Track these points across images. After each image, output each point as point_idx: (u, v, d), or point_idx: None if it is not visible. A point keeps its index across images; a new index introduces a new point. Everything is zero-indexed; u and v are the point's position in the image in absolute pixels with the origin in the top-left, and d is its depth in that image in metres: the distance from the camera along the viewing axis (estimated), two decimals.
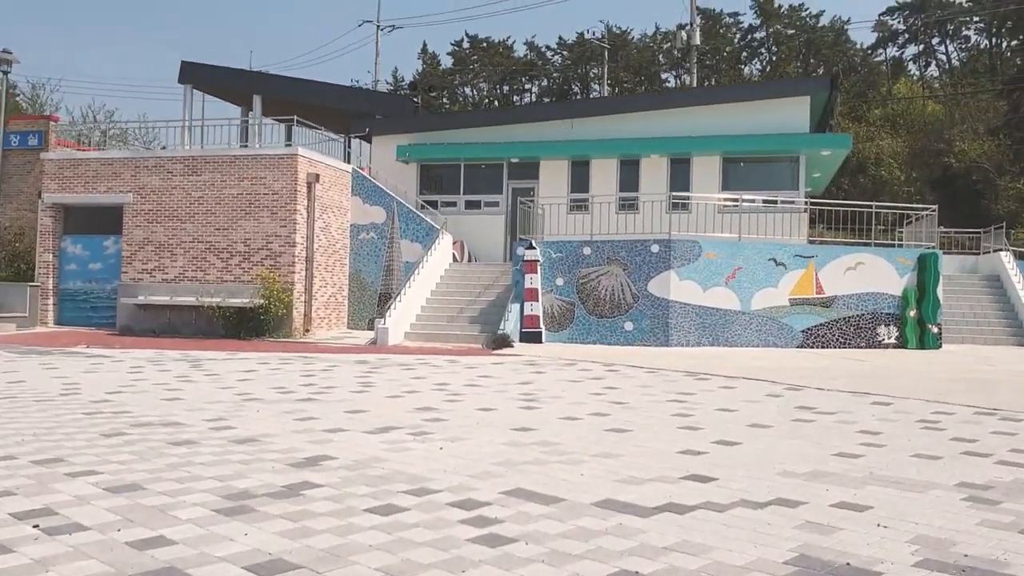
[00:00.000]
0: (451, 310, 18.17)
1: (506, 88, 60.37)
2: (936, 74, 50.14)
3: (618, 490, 5.36)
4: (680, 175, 21.17)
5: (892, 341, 17.12)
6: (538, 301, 17.12)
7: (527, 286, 17.14)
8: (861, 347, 16.96)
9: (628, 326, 16.79)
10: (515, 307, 17.01)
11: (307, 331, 18.13)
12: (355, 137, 22.87)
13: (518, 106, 44.11)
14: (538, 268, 17.22)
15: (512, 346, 15.89)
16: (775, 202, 19.61)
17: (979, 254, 24.10)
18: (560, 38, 57.85)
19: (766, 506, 5.04)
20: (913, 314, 17.11)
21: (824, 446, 6.99)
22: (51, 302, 19.21)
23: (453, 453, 6.45)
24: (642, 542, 4.30)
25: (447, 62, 60.54)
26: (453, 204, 22.42)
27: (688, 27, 33.43)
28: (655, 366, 12.96)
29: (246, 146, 20.11)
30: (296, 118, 18.94)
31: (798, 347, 16.82)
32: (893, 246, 18.59)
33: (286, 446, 6.61)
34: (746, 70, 53.82)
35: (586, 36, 51.50)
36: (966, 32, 48.50)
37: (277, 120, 20.26)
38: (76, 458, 6.05)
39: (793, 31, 52.03)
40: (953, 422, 8.32)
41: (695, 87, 31.28)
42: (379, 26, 44.07)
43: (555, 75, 59.66)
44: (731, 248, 16.93)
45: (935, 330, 17.13)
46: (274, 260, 17.82)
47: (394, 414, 8.22)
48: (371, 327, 18.20)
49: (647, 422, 8.04)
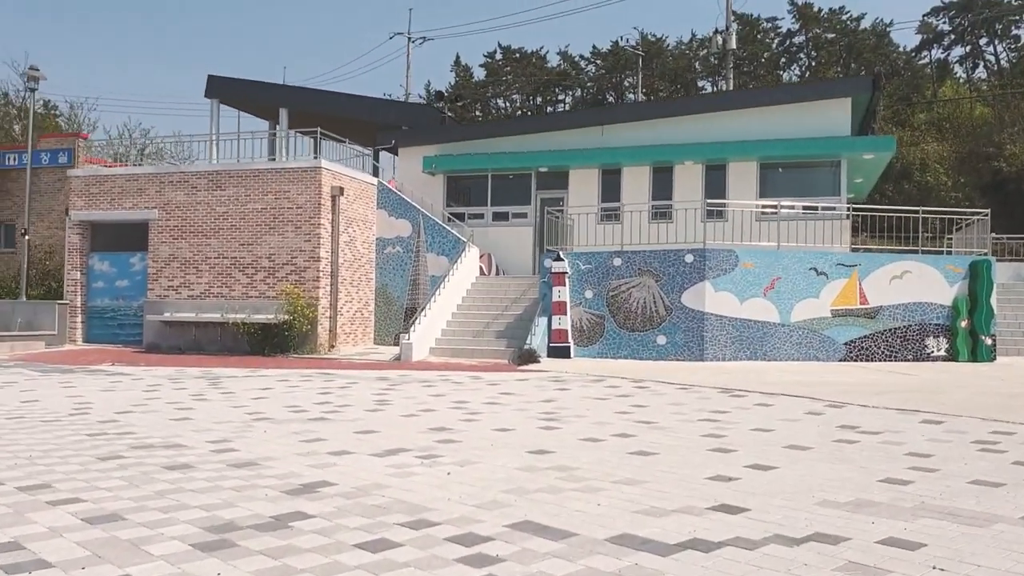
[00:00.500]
0: (477, 325, 17.73)
1: (539, 99, 60.05)
2: (984, 76, 48.49)
3: (637, 523, 4.83)
4: (715, 182, 20.51)
5: (942, 353, 16.22)
6: (566, 315, 16.58)
7: (555, 299, 16.63)
8: (908, 360, 16.10)
9: (661, 340, 16.16)
10: (542, 321, 16.50)
11: (332, 347, 17.84)
12: (381, 149, 22.65)
13: (546, 114, 43.63)
14: (566, 280, 16.71)
15: (539, 361, 15.37)
16: (815, 209, 18.83)
17: None
18: (594, 47, 57.35)
19: (803, 543, 4.47)
20: (964, 325, 16.20)
21: (869, 471, 6.37)
22: (79, 320, 19.24)
23: (461, 479, 5.97)
24: None
25: (480, 74, 60.49)
26: (480, 216, 22.03)
27: (724, 32, 32.74)
28: (688, 382, 12.34)
29: (273, 159, 19.97)
30: (320, 130, 18.72)
31: (840, 360, 16.02)
32: (942, 253, 17.69)
33: (285, 471, 6.21)
34: (785, 76, 52.75)
35: (620, 44, 50.92)
36: (1016, 31, 46.90)
37: (301, 133, 20.10)
38: (64, 484, 5.74)
39: (833, 35, 50.80)
40: (1014, 443, 7.60)
41: (730, 90, 30.51)
42: (410, 38, 44.09)
43: (589, 84, 59.20)
44: (769, 257, 16.23)
45: (988, 342, 16.20)
46: (299, 275, 17.58)
47: (405, 435, 7.78)
48: (397, 342, 17.84)
49: (675, 444, 7.48)
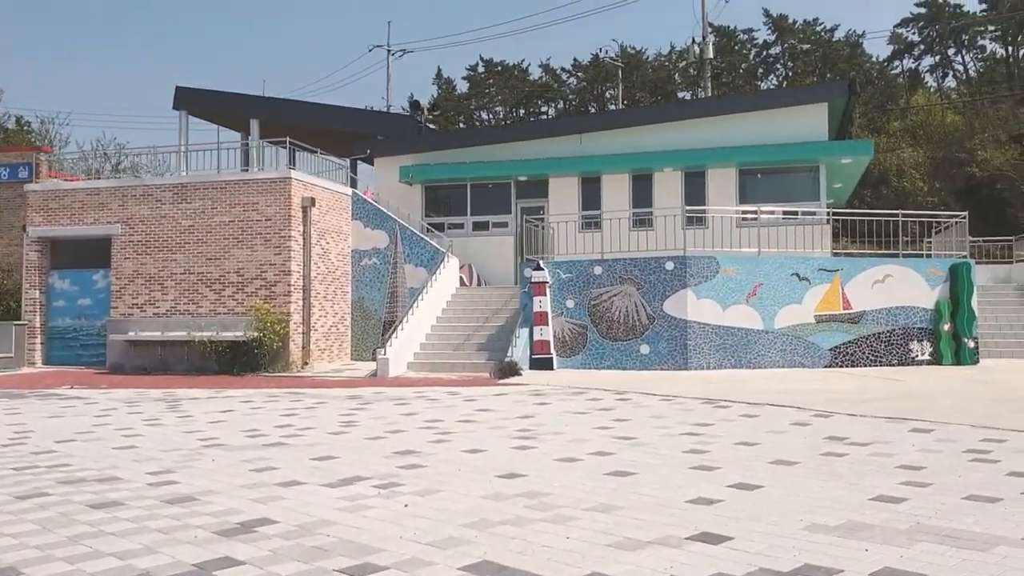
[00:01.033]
0: (458, 337, 17.24)
1: (522, 111, 59.81)
2: (953, 85, 49.02)
3: (609, 559, 4.37)
4: (695, 189, 20.18)
5: (926, 357, 15.91)
6: (548, 325, 16.13)
7: (536, 309, 16.18)
8: (893, 364, 15.77)
9: (644, 349, 15.73)
10: (523, 332, 16.04)
11: (306, 364, 17.27)
12: (357, 159, 22.13)
13: (525, 122, 43.12)
14: (547, 290, 16.27)
15: (520, 374, 14.90)
16: (796, 214, 18.54)
17: (1012, 263, 22.81)
18: (575, 59, 57.27)
19: None
20: (947, 328, 15.91)
21: (859, 487, 5.94)
22: (38, 341, 18.53)
23: (419, 511, 5.48)
24: None
25: (463, 87, 60.22)
26: (460, 226, 21.57)
27: (701, 42, 32.55)
28: (671, 393, 11.90)
29: (247, 171, 19.44)
30: (289, 139, 18.19)
31: (826, 367, 15.67)
32: (922, 256, 17.43)
33: (224, 507, 5.68)
34: (762, 86, 52.87)
35: (600, 56, 50.82)
36: (981, 42, 47.51)
37: (271, 143, 19.53)
38: None
39: (808, 46, 51.12)
40: (1007, 452, 7.22)
41: (709, 97, 30.30)
42: (389, 50, 43.69)
43: (571, 97, 59.09)
44: (751, 263, 15.88)
45: (971, 344, 15.92)
46: (269, 290, 17.02)
47: (367, 461, 7.27)
48: (375, 358, 17.31)
49: (656, 462, 7.03)
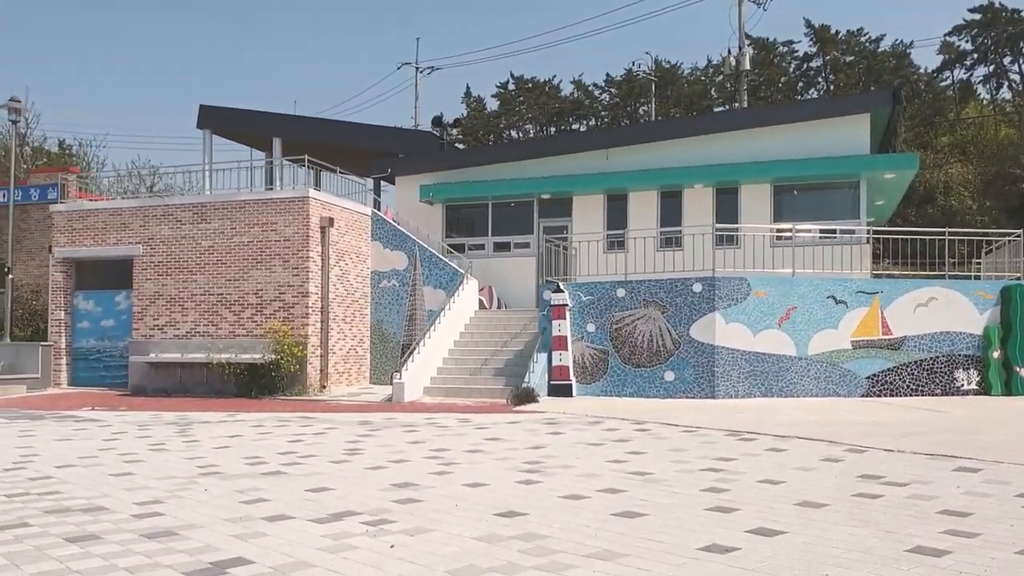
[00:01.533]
0: (475, 362, 16.78)
1: (553, 129, 59.55)
2: (1008, 96, 47.19)
3: None
4: (727, 206, 19.52)
5: (973, 387, 15.02)
6: (567, 350, 15.60)
7: (555, 333, 15.66)
8: (936, 395, 14.91)
9: (668, 376, 15.11)
10: (542, 357, 15.52)
11: (324, 387, 16.94)
12: (378, 178, 21.90)
13: (548, 137, 42.53)
14: (567, 313, 15.75)
15: (537, 401, 14.37)
16: (833, 232, 17.77)
17: None
18: (608, 75, 56.80)
19: None
20: (997, 355, 15.01)
21: (895, 536, 5.33)
22: (64, 362, 18.50)
23: (404, 553, 5.02)
24: None
25: (492, 105, 60.16)
26: (481, 247, 21.18)
27: (738, 54, 31.96)
28: (694, 424, 11.29)
29: (272, 189, 19.32)
30: (307, 157, 18.00)
31: (863, 396, 14.87)
32: (970, 278, 16.54)
33: (202, 543, 5.29)
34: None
35: (634, 71, 50.31)
36: None
37: (291, 161, 19.37)
38: None
39: (852, 57, 49.77)
40: None
41: (742, 108, 29.60)
42: (418, 68, 43.76)
43: (603, 113, 58.67)
44: (784, 285, 15.19)
45: (1023, 373, 14.99)
46: (287, 312, 16.76)
47: (362, 493, 6.83)
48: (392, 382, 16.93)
49: (669, 501, 6.47)
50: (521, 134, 60.21)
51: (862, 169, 18.56)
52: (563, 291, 15.81)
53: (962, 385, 15.03)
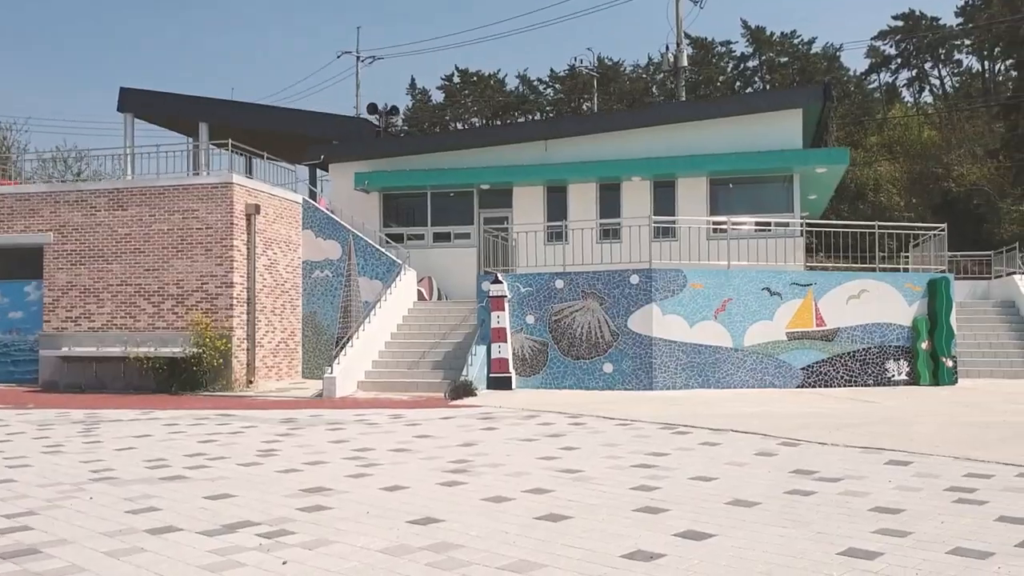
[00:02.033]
0: (413, 355, 16.27)
1: (498, 123, 59.14)
2: (930, 100, 49.01)
3: None
4: (665, 199, 19.42)
5: (903, 377, 15.16)
6: (507, 342, 15.22)
7: (494, 325, 15.26)
8: (869, 385, 15.00)
9: (607, 368, 14.85)
10: (480, 350, 15.11)
11: (251, 382, 16.21)
12: (309, 165, 21.11)
13: (487, 127, 41.99)
14: (506, 305, 15.36)
15: (475, 395, 13.96)
16: (768, 226, 17.77)
17: (990, 278, 22.22)
18: (552, 70, 56.91)
19: None
20: (925, 346, 15.18)
21: (827, 537, 5.08)
22: None
23: (295, 571, 4.54)
24: None
25: (438, 97, 59.49)
26: (420, 237, 20.64)
27: (675, 49, 31.93)
28: (630, 417, 11.02)
29: (197, 174, 18.42)
30: (231, 142, 17.16)
31: (798, 387, 14.87)
32: (899, 271, 16.71)
33: (66, 563, 4.73)
34: None
35: (576, 66, 50.31)
36: (958, 56, 47.61)
37: (216, 145, 18.48)
38: None
39: (786, 59, 50.97)
40: (994, 490, 6.38)
41: (679, 102, 29.63)
42: (359, 57, 42.74)
43: (548, 108, 58.55)
44: (719, 277, 15.07)
45: (950, 364, 15.18)
46: (210, 303, 15.98)
47: (265, 500, 6.31)
48: None
49: (597, 501, 6.13)
50: (466, 127, 59.60)
51: (795, 163, 18.63)
52: (502, 282, 15.41)
53: (893, 376, 15.15)
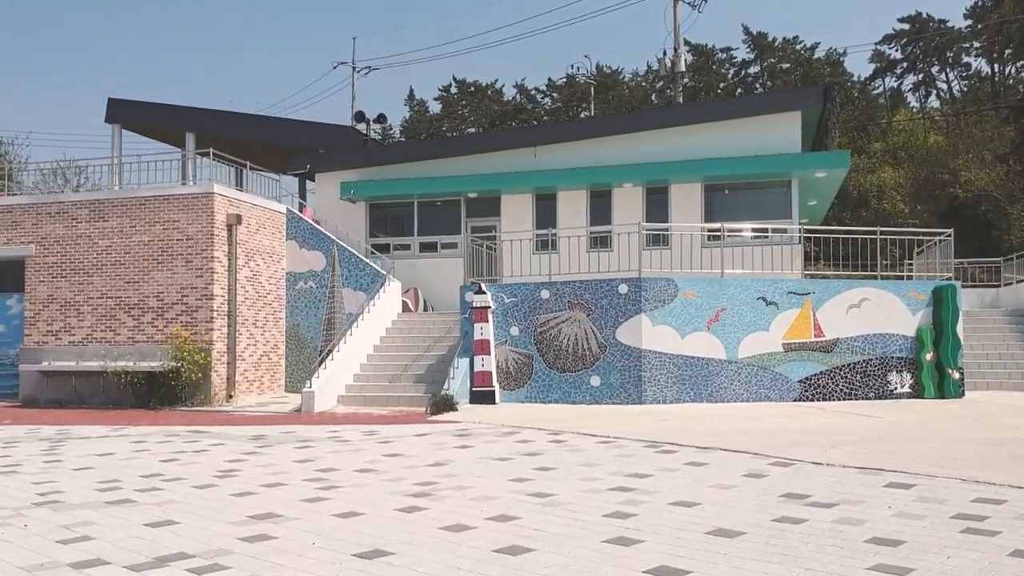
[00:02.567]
0: (395, 368, 15.81)
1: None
2: (936, 104, 48.33)
3: None
4: (657, 206, 18.97)
5: (906, 390, 14.63)
6: (490, 355, 14.74)
7: (477, 337, 14.79)
8: (869, 398, 14.48)
9: (595, 381, 14.36)
10: (463, 362, 14.63)
11: (230, 397, 15.75)
12: (295, 174, 20.71)
13: (475, 134, 41.48)
14: (489, 316, 14.90)
15: (456, 409, 13.47)
16: (765, 232, 17.28)
17: (999, 286, 21.69)
18: (550, 79, 56.57)
19: None
20: (930, 357, 14.65)
21: (816, 574, 4.59)
22: None
23: None
24: None
25: (435, 108, 59.21)
26: (407, 247, 20.20)
27: (673, 54, 31.55)
28: (613, 433, 10.52)
29: (185, 183, 17.94)
30: (212, 151, 16.75)
31: (795, 400, 14.35)
32: (903, 279, 16.21)
33: None
34: None
35: (574, 75, 49.96)
36: (966, 59, 46.90)
37: (200, 154, 18.07)
38: None
39: (788, 64, 50.52)
40: (1006, 519, 5.86)
41: (672, 105, 29.20)
42: (355, 67, 42.48)
43: (545, 118, 58.28)
44: (713, 286, 14.59)
45: (956, 375, 14.65)
46: (190, 316, 15.54)
47: (209, 529, 5.84)
48: None
49: (564, 531, 5.65)
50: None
51: (794, 167, 18.16)
52: (485, 293, 14.95)
53: (895, 388, 14.63)
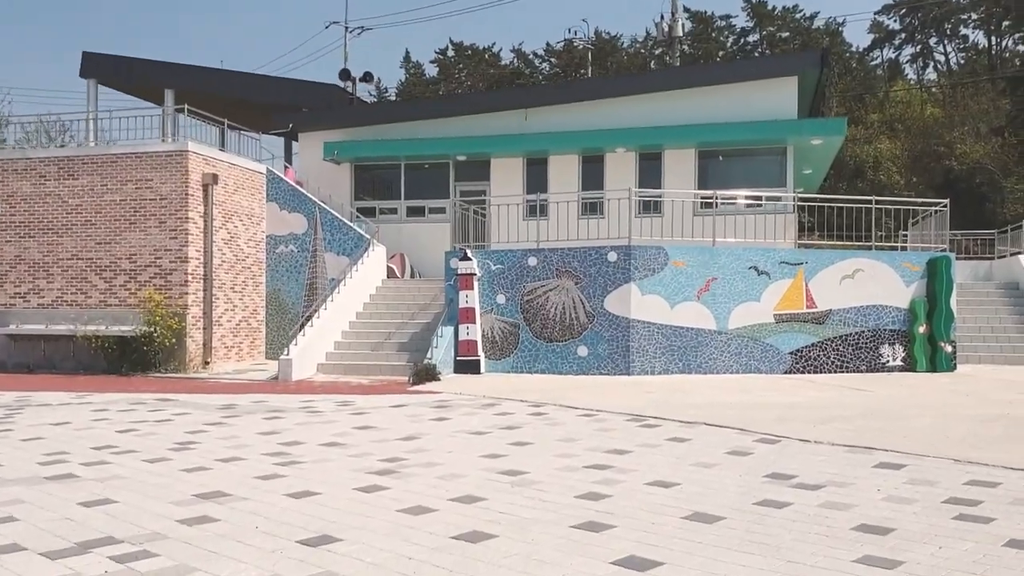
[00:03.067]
0: (378, 335, 15.38)
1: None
2: (934, 77, 47.71)
3: None
4: (651, 172, 18.43)
5: (898, 363, 14.29)
6: (475, 323, 14.32)
7: (462, 305, 14.36)
8: (861, 371, 14.13)
9: (582, 351, 13.96)
10: (447, 331, 14.21)
11: (207, 363, 15.32)
12: (277, 133, 20.07)
13: (464, 94, 40.36)
14: (475, 283, 14.45)
15: (439, 379, 13.08)
16: (758, 200, 16.80)
17: (993, 259, 21.29)
18: (548, 44, 55.53)
19: None
20: (923, 330, 14.29)
21: (798, 568, 4.21)
22: None
23: None
24: None
25: (432, 71, 58.12)
26: (393, 211, 19.66)
27: (671, 18, 30.73)
28: (596, 406, 10.13)
29: (165, 141, 17.30)
30: (187, 107, 16.11)
31: (786, 372, 13.99)
32: (897, 249, 15.78)
33: None
34: None
35: (571, 40, 48.93)
36: (964, 31, 46.23)
37: (178, 110, 17.40)
38: None
39: (787, 33, 49.72)
40: (1000, 503, 5.50)
41: (666, 68, 28.48)
42: (347, 27, 41.36)
43: (543, 83, 57.34)
44: (704, 255, 14.14)
45: (948, 349, 14.31)
46: (164, 279, 15.05)
47: (147, 510, 5.42)
48: None
49: (531, 515, 5.25)
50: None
51: (789, 134, 17.62)
52: (471, 259, 14.48)
53: (887, 361, 14.28)
